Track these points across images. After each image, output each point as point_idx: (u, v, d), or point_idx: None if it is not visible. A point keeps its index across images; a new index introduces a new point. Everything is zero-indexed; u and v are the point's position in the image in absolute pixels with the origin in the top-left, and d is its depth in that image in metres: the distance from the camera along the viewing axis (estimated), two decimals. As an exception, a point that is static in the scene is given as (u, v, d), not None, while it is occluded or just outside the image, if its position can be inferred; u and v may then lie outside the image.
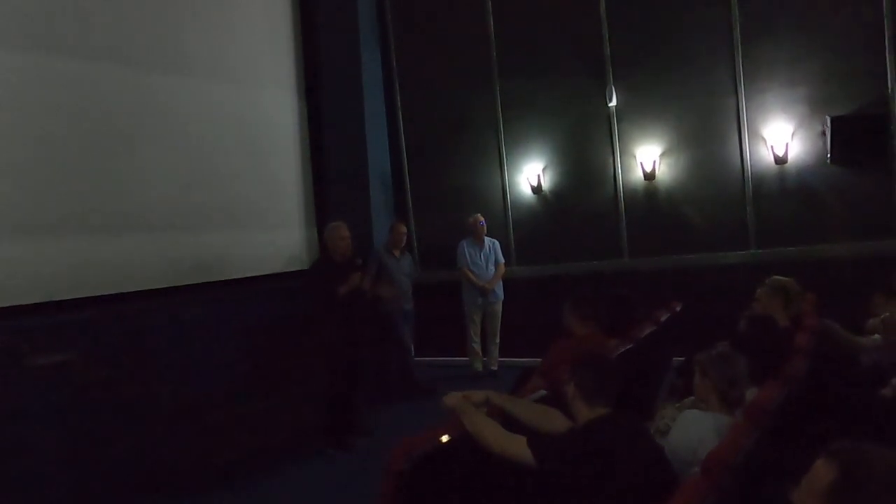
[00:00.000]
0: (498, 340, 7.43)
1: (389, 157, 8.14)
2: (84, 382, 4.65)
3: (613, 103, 7.28)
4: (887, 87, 6.24)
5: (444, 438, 2.59)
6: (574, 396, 2.66)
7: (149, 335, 5.21)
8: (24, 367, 4.36)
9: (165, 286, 5.59)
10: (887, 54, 6.21)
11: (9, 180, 4.66)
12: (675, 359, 5.07)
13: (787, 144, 6.61)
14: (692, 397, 3.04)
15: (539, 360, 4.12)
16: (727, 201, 6.92)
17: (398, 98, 8.30)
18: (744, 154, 6.80)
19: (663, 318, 4.91)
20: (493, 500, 2.71)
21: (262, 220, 6.65)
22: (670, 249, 7.13)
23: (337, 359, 5.50)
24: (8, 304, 4.55)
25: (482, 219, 7.36)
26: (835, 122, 6.30)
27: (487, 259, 7.33)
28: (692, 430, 2.68)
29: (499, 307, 7.41)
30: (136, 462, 4.82)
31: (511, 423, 2.72)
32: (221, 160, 6.24)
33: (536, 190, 7.74)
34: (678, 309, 5.26)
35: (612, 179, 7.38)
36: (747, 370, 2.84)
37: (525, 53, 7.67)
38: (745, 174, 6.81)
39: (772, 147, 6.67)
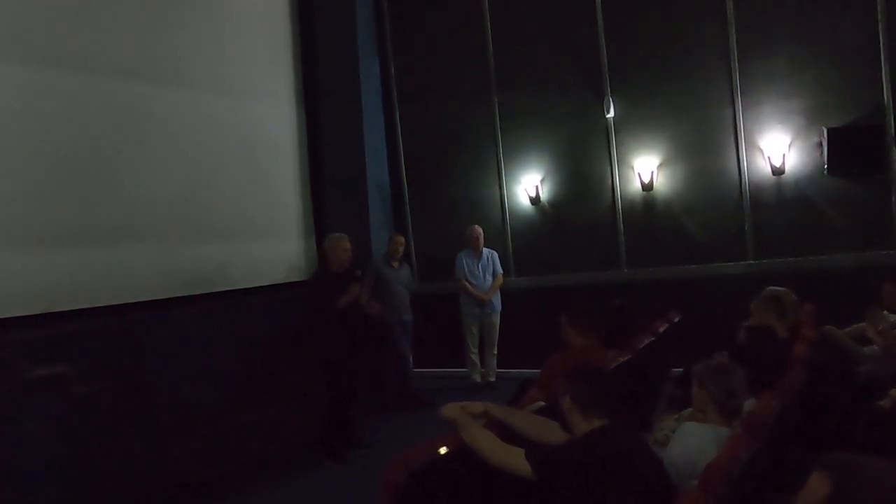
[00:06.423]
0: (496, 351, 7.42)
1: (388, 169, 8.16)
2: (80, 394, 4.63)
3: (611, 114, 7.31)
4: (883, 98, 6.27)
5: (442, 450, 2.58)
6: (570, 409, 2.64)
7: (146, 346, 5.20)
8: (20, 378, 4.35)
9: (164, 297, 5.58)
10: (883, 65, 6.25)
11: (6, 192, 4.66)
12: (673, 370, 5.07)
13: (783, 155, 6.63)
14: (691, 408, 3.03)
15: (537, 371, 4.11)
16: (725, 212, 6.94)
17: (397, 109, 8.33)
18: (741, 165, 6.82)
19: (661, 329, 4.91)
20: (491, 512, 2.70)
21: (261, 230, 6.65)
22: (668, 260, 7.14)
23: (335, 370, 5.49)
24: (4, 316, 4.53)
25: (480, 230, 7.37)
26: (831, 132, 6.33)
27: (485, 270, 7.34)
28: (691, 441, 2.68)
29: (496, 318, 7.41)
30: (132, 473, 4.80)
31: (509, 435, 2.71)
32: (220, 171, 6.25)
33: (534, 201, 7.76)
34: (676, 320, 5.26)
35: (610, 190, 7.40)
36: (745, 381, 2.83)
37: (523, 65, 7.71)
38: (743, 185, 6.83)
39: (769, 158, 6.69)
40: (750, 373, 2.90)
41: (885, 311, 4.86)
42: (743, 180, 6.83)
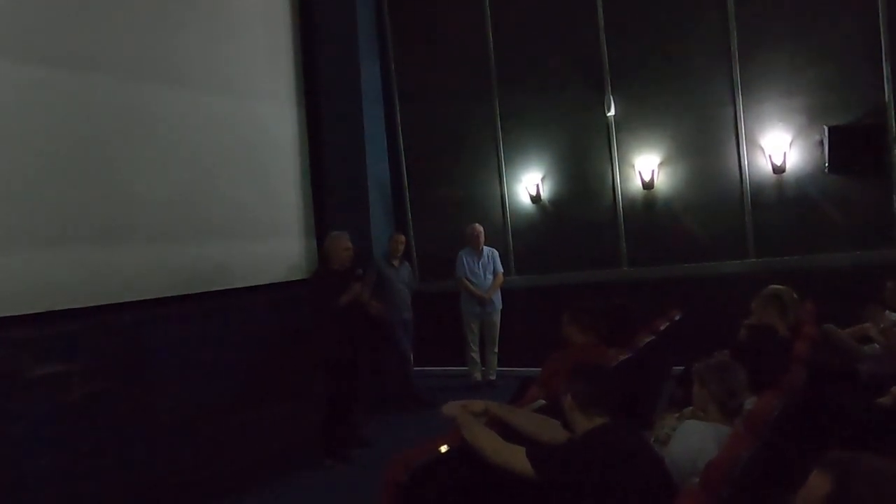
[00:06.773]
0: (496, 350, 7.43)
1: (388, 168, 8.15)
2: (82, 393, 4.63)
3: (612, 113, 7.30)
4: (884, 97, 6.27)
5: (443, 449, 2.58)
6: (571, 407, 2.64)
7: (147, 346, 5.20)
8: (21, 377, 4.35)
9: (164, 296, 5.57)
10: (884, 64, 6.24)
11: (6, 192, 4.66)
12: (674, 368, 5.07)
13: (785, 154, 6.63)
14: (692, 407, 3.03)
15: (538, 369, 4.11)
16: (726, 210, 6.93)
17: (397, 108, 8.32)
18: (742, 163, 6.82)
19: (662, 328, 4.91)
20: (492, 511, 2.70)
21: (262, 230, 6.65)
22: (669, 259, 7.13)
23: (335, 369, 5.49)
24: (5, 315, 4.53)
25: (480, 228, 7.36)
26: (832, 131, 6.32)
27: (486, 269, 7.34)
28: (692, 440, 2.67)
29: (497, 317, 7.41)
30: (134, 473, 4.80)
31: (510, 434, 2.71)
32: (221, 171, 6.24)
33: (535, 199, 7.75)
34: (677, 318, 5.26)
35: (611, 189, 7.40)
36: (746, 379, 2.83)
37: (524, 63, 7.70)
38: (744, 183, 6.82)
39: (770, 156, 6.68)
40: (751, 371, 2.90)
41: (887, 311, 4.86)
42: (744, 179, 6.82)
